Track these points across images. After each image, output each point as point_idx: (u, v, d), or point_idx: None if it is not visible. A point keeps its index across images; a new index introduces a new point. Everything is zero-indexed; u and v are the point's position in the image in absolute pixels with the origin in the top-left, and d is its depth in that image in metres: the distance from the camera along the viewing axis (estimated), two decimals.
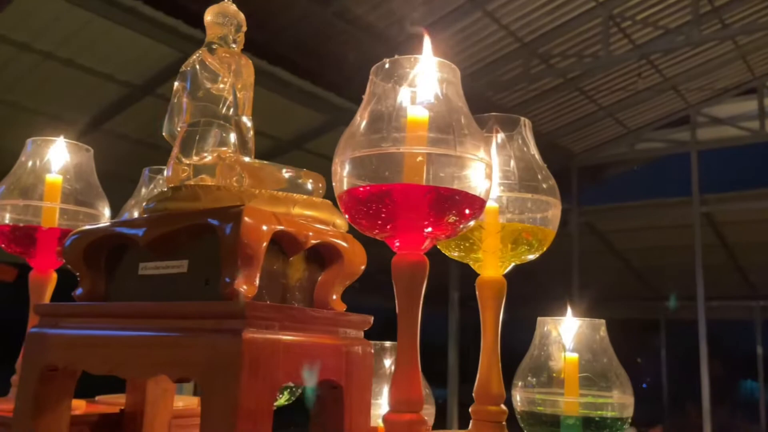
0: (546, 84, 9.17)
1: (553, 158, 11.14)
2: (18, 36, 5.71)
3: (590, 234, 11.97)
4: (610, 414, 0.86)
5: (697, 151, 10.09)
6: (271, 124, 7.01)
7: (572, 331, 0.89)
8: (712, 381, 12.16)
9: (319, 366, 0.67)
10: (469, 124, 0.64)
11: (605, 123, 10.41)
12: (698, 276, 9.62)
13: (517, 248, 0.77)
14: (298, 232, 0.70)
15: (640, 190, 12.68)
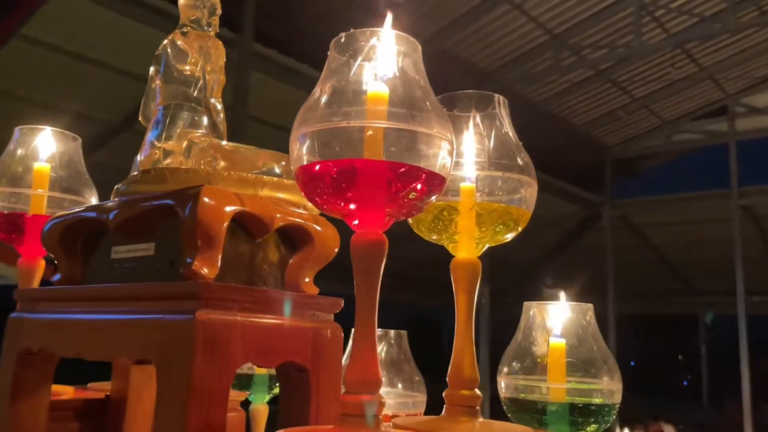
0: (577, 76, 9.01)
1: (587, 151, 10.97)
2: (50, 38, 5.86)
3: (625, 228, 11.75)
4: (597, 401, 0.84)
5: (736, 141, 9.80)
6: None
7: (559, 316, 0.86)
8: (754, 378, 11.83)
9: (281, 348, 0.66)
10: (428, 99, 0.62)
11: (639, 115, 10.19)
12: (738, 270, 9.35)
13: (492, 229, 0.75)
14: (264, 214, 0.69)
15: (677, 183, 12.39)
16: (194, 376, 0.58)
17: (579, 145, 10.69)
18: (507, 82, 8.62)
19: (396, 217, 0.62)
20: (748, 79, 9.53)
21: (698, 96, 9.87)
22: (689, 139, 10.56)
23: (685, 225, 11.21)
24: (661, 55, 8.47)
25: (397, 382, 1.01)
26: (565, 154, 10.89)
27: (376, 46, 0.61)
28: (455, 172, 0.74)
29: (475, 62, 8.23)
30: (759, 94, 9.70)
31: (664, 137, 10.60)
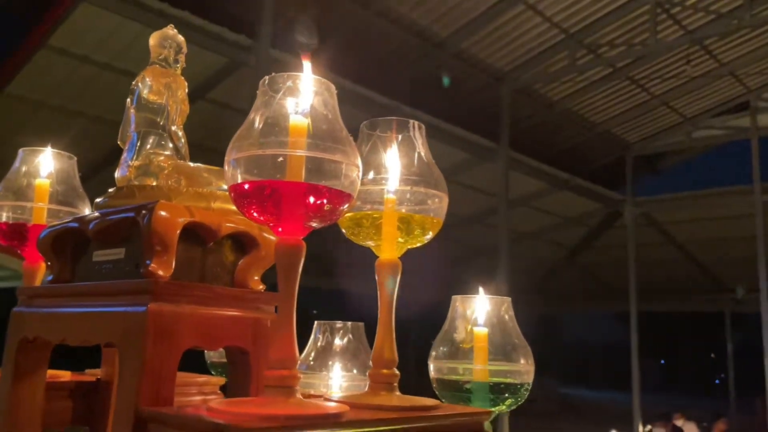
0: (595, 74, 9.03)
1: (607, 148, 10.96)
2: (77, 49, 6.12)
3: (648, 226, 11.70)
4: (514, 380, 0.96)
5: (758, 137, 9.69)
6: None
7: (481, 308, 0.98)
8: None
9: (224, 334, 0.80)
10: (340, 131, 0.75)
11: (660, 111, 10.15)
12: (761, 266, 9.25)
13: (410, 234, 0.87)
14: (212, 223, 0.83)
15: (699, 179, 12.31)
16: (146, 357, 0.72)
17: (599, 142, 10.68)
18: (524, 81, 8.69)
19: (314, 226, 0.75)
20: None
21: (719, 92, 9.80)
22: (711, 135, 10.48)
23: (709, 222, 11.13)
24: (679, 51, 8.45)
25: (353, 368, 1.14)
26: (585, 152, 10.90)
27: (296, 87, 0.74)
28: (378, 186, 0.87)
29: (492, 62, 8.32)
30: None
31: (686, 134, 10.54)
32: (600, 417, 12.08)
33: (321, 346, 1.17)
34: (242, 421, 0.61)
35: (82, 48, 6.14)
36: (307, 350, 1.17)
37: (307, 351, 1.17)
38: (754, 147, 9.66)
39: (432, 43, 7.75)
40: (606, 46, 8.27)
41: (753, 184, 9.57)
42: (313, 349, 1.17)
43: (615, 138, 10.71)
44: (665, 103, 9.80)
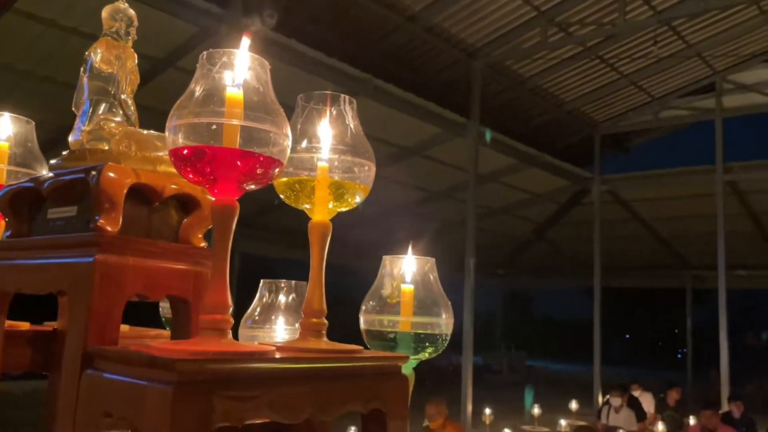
0: (566, 52, 9.14)
1: (576, 127, 11.13)
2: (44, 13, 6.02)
3: (614, 203, 11.95)
4: (436, 332, 1.07)
5: (723, 118, 9.94)
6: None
7: (408, 267, 1.08)
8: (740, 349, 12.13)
9: (165, 284, 0.89)
10: (272, 104, 0.83)
11: (628, 91, 10.33)
12: (720, 245, 9.56)
13: (340, 199, 0.96)
14: (157, 185, 0.91)
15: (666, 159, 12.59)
16: (93, 302, 0.81)
17: (569, 120, 10.85)
18: (496, 57, 8.77)
19: (247, 188, 0.84)
20: (736, 56, 9.65)
21: (686, 73, 10.00)
22: (677, 116, 10.71)
23: (673, 200, 11.42)
24: (648, 32, 8.59)
25: (295, 323, 1.23)
26: (554, 129, 11.06)
27: (231, 63, 0.82)
28: (312, 154, 0.96)
29: (464, 38, 8.37)
30: (746, 71, 9.81)
31: (653, 113, 10.75)
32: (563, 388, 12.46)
33: (266, 303, 1.26)
34: (175, 355, 0.70)
35: (49, 12, 6.05)
36: (252, 306, 1.26)
37: (252, 307, 1.26)
38: (717, 128, 9.91)
39: (404, 17, 7.77)
40: (577, 24, 8.37)
41: (716, 164, 9.84)
42: (259, 305, 1.26)
43: (584, 116, 10.88)
44: (634, 82, 9.97)
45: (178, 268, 0.91)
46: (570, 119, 10.81)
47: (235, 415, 0.72)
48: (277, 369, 0.77)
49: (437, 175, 10.25)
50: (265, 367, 0.76)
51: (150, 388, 0.69)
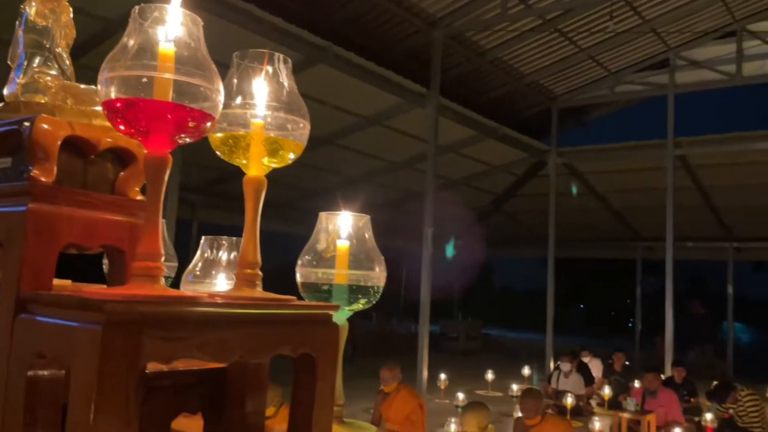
0: (525, 25, 9.20)
1: (535, 99, 11.26)
2: None
3: (570, 175, 12.19)
4: (369, 284, 1.12)
5: (675, 94, 10.18)
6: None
7: (343, 223, 1.13)
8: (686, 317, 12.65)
9: (101, 234, 0.91)
10: (203, 60, 0.86)
11: (586, 65, 10.48)
12: (668, 217, 9.88)
13: (275, 155, 1.00)
14: (92, 138, 0.93)
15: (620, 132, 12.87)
16: (26, 250, 0.83)
17: (527, 93, 10.96)
18: (456, 28, 8.77)
19: (179, 141, 0.87)
20: (690, 33, 9.86)
21: (641, 48, 10.18)
22: (632, 90, 10.92)
23: (627, 173, 11.71)
24: (605, 6, 8.68)
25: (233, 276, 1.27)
26: (513, 101, 11.18)
27: (163, 18, 0.84)
28: (247, 110, 0.99)
29: (425, 7, 8.34)
30: (698, 48, 10.05)
31: (609, 88, 10.94)
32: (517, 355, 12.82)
33: (208, 258, 1.30)
34: (104, 297, 0.73)
35: None
36: (194, 262, 1.29)
37: (194, 263, 1.29)
38: (670, 103, 10.16)
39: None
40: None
41: (667, 139, 10.11)
42: (200, 261, 1.29)
43: (542, 89, 11.01)
44: (591, 56, 10.12)
45: (114, 219, 0.93)
46: (528, 92, 10.93)
47: (164, 355, 0.76)
48: (207, 313, 0.81)
49: (397, 145, 10.28)
50: (195, 311, 0.79)
51: (80, 329, 0.72)
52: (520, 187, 13.46)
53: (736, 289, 14.40)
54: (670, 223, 9.91)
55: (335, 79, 7.78)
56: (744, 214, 12.35)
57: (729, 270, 13.75)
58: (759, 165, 10.42)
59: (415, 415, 5.52)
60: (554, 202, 11.28)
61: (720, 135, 10.21)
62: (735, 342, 14.66)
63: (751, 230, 13.00)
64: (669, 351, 9.71)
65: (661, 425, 6.33)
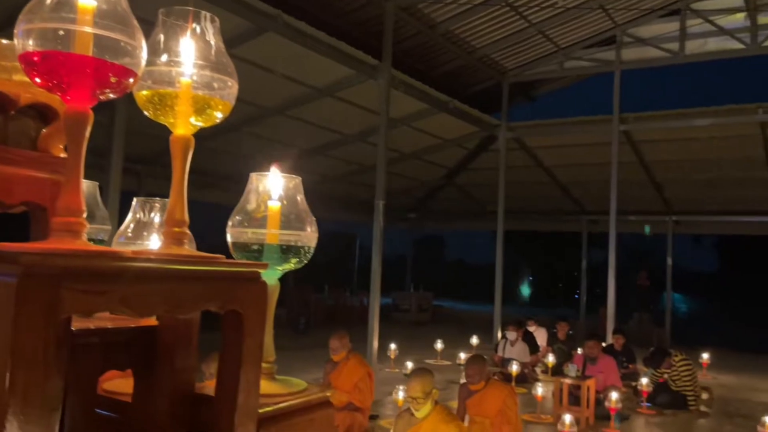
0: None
1: (486, 74, 11.34)
2: None
3: (520, 150, 12.39)
4: (299, 244, 1.14)
5: (621, 70, 10.41)
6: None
7: (274, 184, 1.14)
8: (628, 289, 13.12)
9: (21, 190, 0.90)
10: (125, 15, 0.85)
11: (536, 40, 10.59)
12: (612, 191, 10.17)
13: (202, 114, 1.00)
14: (11, 93, 0.92)
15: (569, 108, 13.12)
16: None
17: (478, 67, 11.03)
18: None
19: (102, 97, 0.86)
20: (636, 10, 10.06)
21: (589, 24, 10.34)
22: (580, 66, 11.11)
23: (574, 148, 11.97)
24: None
25: None
26: (464, 75, 11.24)
27: None
28: (173, 68, 0.98)
29: None
30: (644, 25, 10.27)
31: (558, 63, 11.10)
32: (467, 325, 13.10)
33: (140, 220, 1.29)
34: (22, 250, 0.73)
35: None
36: (125, 223, 1.29)
37: (125, 224, 1.29)
38: (616, 79, 10.40)
39: None
40: None
41: (613, 115, 10.36)
42: (132, 222, 1.28)
43: (493, 64, 11.09)
44: (541, 31, 10.23)
45: (35, 176, 0.92)
46: (479, 66, 11.00)
47: (84, 308, 0.77)
48: (129, 267, 0.81)
49: (349, 117, 10.24)
50: (115, 265, 0.80)
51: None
52: (471, 161, 13.61)
53: (675, 261, 14.98)
54: (614, 196, 10.21)
55: (285, 49, 7.66)
56: (683, 188, 12.82)
57: (668, 242, 14.28)
58: (698, 141, 10.81)
59: (364, 383, 5.62)
60: (504, 176, 11.46)
61: (663, 111, 10.52)
62: (673, 311, 15.29)
63: (689, 204, 13.51)
64: (611, 320, 10.08)
65: (600, 390, 6.60)
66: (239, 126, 9.82)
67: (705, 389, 7.76)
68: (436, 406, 3.75)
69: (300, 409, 1.13)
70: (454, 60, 10.63)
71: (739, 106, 9.85)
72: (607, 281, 10.33)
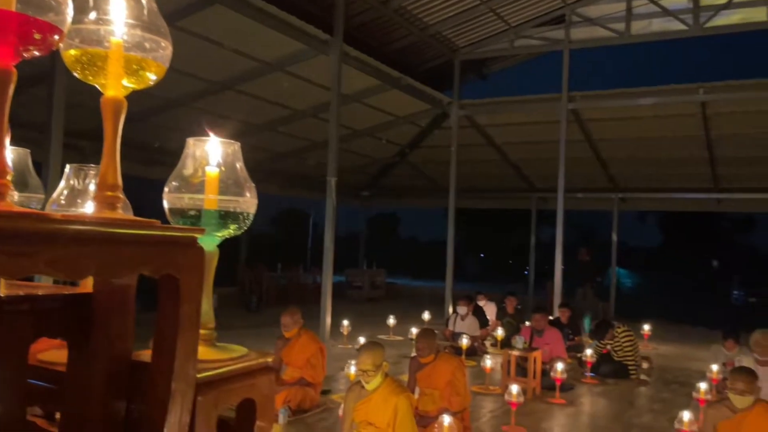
0: None
1: (438, 50, 11.35)
2: None
3: (471, 127, 12.50)
4: (238, 210, 1.13)
5: (570, 49, 10.56)
6: None
7: (213, 150, 1.12)
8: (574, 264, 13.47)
9: None
10: None
11: (487, 18, 10.64)
12: (560, 168, 10.37)
13: (134, 75, 0.97)
14: None
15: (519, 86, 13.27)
16: None
17: (431, 44, 11.02)
18: None
19: (25, 54, 0.83)
20: None
21: (539, 3, 10.45)
22: (530, 45, 11.23)
23: (523, 126, 12.15)
24: None
25: None
26: (417, 52, 11.22)
27: None
28: (101, 26, 0.95)
29: None
30: (593, 5, 10.43)
31: (509, 41, 11.19)
32: (420, 301, 13.24)
33: (74, 187, 1.26)
34: None
35: None
36: (58, 190, 1.25)
37: (58, 191, 1.25)
38: (565, 58, 10.56)
39: None
40: None
41: (561, 93, 10.54)
42: (66, 189, 1.25)
43: (445, 41, 11.11)
44: (492, 9, 10.28)
45: None
46: (432, 43, 11.00)
47: (9, 270, 0.75)
48: (56, 229, 0.80)
49: (300, 92, 10.12)
50: (42, 227, 0.78)
51: None
52: (424, 139, 13.67)
53: (620, 237, 15.45)
54: (561, 174, 10.43)
55: (234, 22, 7.50)
56: (628, 166, 13.19)
57: (614, 219, 14.71)
58: (642, 120, 11.11)
59: (316, 358, 5.65)
60: (456, 153, 11.56)
61: (609, 90, 10.76)
62: (617, 285, 15.81)
63: (634, 182, 13.92)
64: (557, 294, 10.36)
65: (546, 361, 6.80)
66: (187, 101, 9.60)
67: (645, 359, 8.09)
68: (386, 378, 3.81)
69: (240, 374, 1.13)
70: (407, 36, 10.60)
71: (681, 86, 10.16)
72: (554, 257, 10.60)
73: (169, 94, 9.37)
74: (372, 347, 3.84)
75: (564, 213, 10.65)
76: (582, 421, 5.83)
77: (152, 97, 9.20)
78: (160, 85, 1.03)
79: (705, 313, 15.76)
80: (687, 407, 4.74)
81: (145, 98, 9.31)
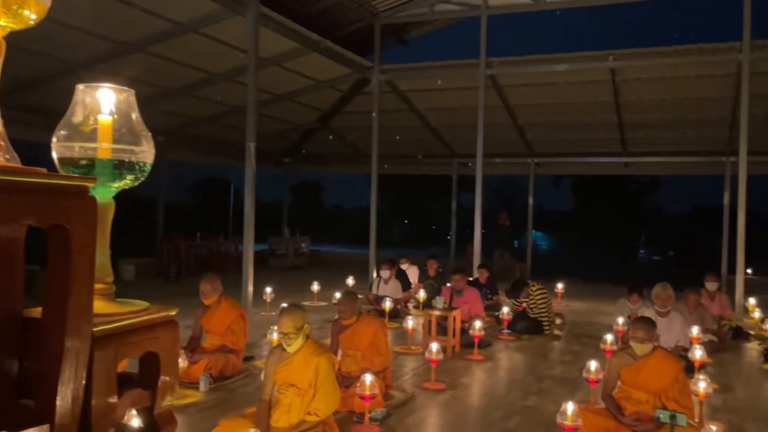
0: None
1: (358, 14, 11.21)
2: None
3: (392, 93, 12.49)
4: (134, 159, 1.09)
5: (487, 15, 10.68)
6: None
7: (103, 97, 1.07)
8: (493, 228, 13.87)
9: None
10: None
11: None
12: (479, 134, 10.57)
13: (12, 13, 0.91)
14: None
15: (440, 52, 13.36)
16: None
17: (351, 7, 10.88)
18: None
19: None
20: None
21: None
22: (449, 10, 11.27)
23: (444, 92, 12.26)
24: None
25: None
26: (337, 15, 11.05)
27: None
28: None
29: None
30: None
31: (429, 6, 11.19)
32: (344, 267, 13.30)
33: None
34: None
35: None
36: None
37: None
38: (483, 24, 10.67)
39: None
40: None
41: (480, 59, 10.67)
42: None
43: (365, 4, 10.98)
44: None
45: None
46: (352, 6, 10.85)
47: None
48: None
49: (216, 55, 9.78)
50: None
51: None
52: (345, 104, 13.56)
53: (536, 201, 15.99)
54: (480, 140, 10.62)
55: None
56: (544, 131, 13.60)
57: (530, 183, 15.20)
58: (557, 86, 11.45)
59: (237, 325, 5.59)
60: (378, 119, 11.55)
61: (525, 57, 11.00)
62: (533, 247, 16.43)
63: (549, 146, 14.38)
64: (477, 256, 10.66)
65: (465, 319, 7.02)
66: (93, 63, 9.10)
67: (558, 315, 8.49)
68: (307, 340, 3.82)
69: (141, 327, 1.11)
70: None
71: (592, 53, 10.52)
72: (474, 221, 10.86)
73: (75, 56, 8.84)
74: (292, 310, 3.83)
75: (483, 178, 10.89)
76: (499, 375, 6.08)
77: (56, 59, 8.65)
78: (64, 46, 0.96)
79: (613, 271, 16.66)
80: (595, 358, 5.02)
81: (48, 61, 8.74)
